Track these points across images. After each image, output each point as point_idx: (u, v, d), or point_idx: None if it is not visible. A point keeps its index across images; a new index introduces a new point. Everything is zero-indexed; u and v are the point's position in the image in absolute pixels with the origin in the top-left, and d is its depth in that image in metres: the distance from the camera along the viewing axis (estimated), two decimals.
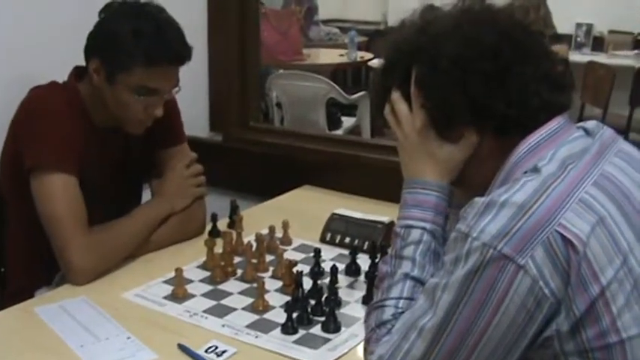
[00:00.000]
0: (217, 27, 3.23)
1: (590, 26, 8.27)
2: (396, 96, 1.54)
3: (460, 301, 1.29)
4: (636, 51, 7.79)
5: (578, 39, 8.25)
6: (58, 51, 2.61)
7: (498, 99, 1.41)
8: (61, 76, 2.35)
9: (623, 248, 1.27)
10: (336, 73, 7.40)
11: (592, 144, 1.40)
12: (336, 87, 5.64)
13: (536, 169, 1.33)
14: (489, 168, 1.44)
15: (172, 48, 2.17)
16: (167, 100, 2.28)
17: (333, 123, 5.69)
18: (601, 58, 7.47)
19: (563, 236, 1.23)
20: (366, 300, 1.97)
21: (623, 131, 6.26)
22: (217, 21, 3.23)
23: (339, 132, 5.63)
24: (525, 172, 1.35)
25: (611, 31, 8.20)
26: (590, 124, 1.49)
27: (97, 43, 2.22)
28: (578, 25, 8.26)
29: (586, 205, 1.27)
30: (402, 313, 1.43)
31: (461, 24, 1.47)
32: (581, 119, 6.35)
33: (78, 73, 2.32)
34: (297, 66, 6.52)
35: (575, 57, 7.38)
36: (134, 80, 2.16)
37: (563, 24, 7.35)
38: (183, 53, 2.21)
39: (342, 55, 7.25)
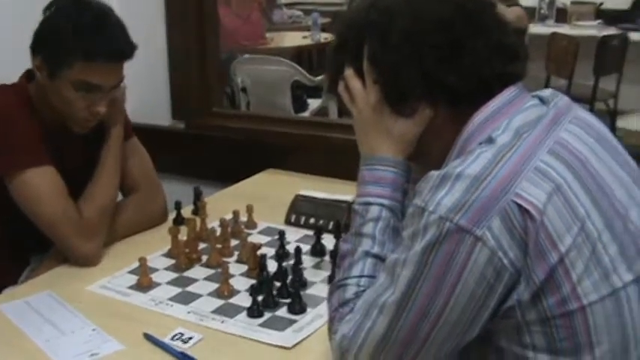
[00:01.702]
0: (175, 14, 3.20)
1: None
2: (349, 73, 1.53)
3: (420, 276, 1.28)
4: (599, 21, 7.83)
5: (542, 11, 8.26)
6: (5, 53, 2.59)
7: (451, 72, 1.40)
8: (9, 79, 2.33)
9: (580, 214, 1.27)
10: (301, 55, 7.38)
11: (547, 112, 1.40)
12: (301, 69, 5.63)
13: (490, 140, 1.32)
14: (445, 141, 1.43)
15: (113, 43, 2.16)
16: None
17: (300, 105, 5.68)
18: (564, 29, 7.49)
19: (519, 206, 1.23)
20: (332, 280, 1.96)
21: (589, 101, 6.30)
22: (175, 8, 3.19)
23: (306, 114, 5.62)
24: (480, 144, 1.34)
25: (573, 2, 8.25)
26: (546, 92, 1.49)
27: (39, 39, 2.21)
28: None
29: (541, 174, 1.27)
30: (364, 291, 1.42)
31: None
32: None
33: (29, 75, 2.31)
34: (261, 50, 6.51)
35: (539, 29, 7.41)
36: (75, 75, 2.14)
37: None
38: (124, 49, 2.19)
39: (305, 37, 7.23)
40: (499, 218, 1.23)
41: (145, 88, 2.40)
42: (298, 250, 2.00)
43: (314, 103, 5.81)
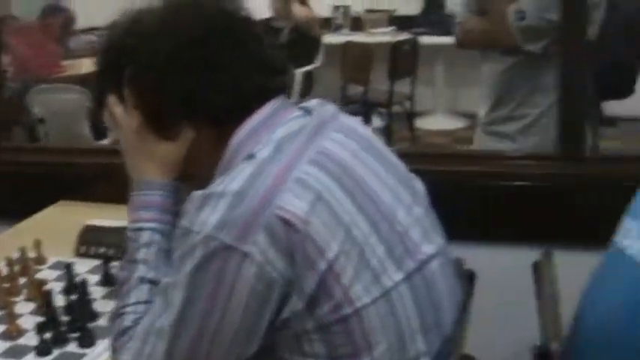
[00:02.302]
0: None
1: (347, 8, 8.48)
2: (111, 100, 1.52)
3: (192, 297, 1.29)
4: (392, 27, 8.08)
5: (337, 21, 8.44)
6: None
7: (208, 90, 1.42)
8: None
9: (344, 221, 1.30)
10: None
11: (309, 122, 1.42)
12: None
13: (251, 156, 1.35)
14: (211, 160, 1.44)
15: None
16: None
17: (100, 133, 5.58)
18: (360, 37, 7.70)
19: (282, 218, 1.25)
20: None
21: (386, 104, 6.49)
22: None
23: (107, 141, 5.52)
24: (243, 160, 1.35)
25: (368, 11, 8.48)
26: (312, 102, 1.52)
27: None
28: (336, 8, 8.45)
29: (303, 184, 1.29)
30: (142, 317, 1.41)
31: (165, 19, 1.47)
32: (344, 98, 6.56)
33: None
34: (58, 79, 6.36)
35: (335, 38, 7.58)
36: None
37: (321, 7, 7.55)
38: None
39: None
40: (264, 233, 1.24)
41: None
42: (83, 282, 1.96)
43: None
